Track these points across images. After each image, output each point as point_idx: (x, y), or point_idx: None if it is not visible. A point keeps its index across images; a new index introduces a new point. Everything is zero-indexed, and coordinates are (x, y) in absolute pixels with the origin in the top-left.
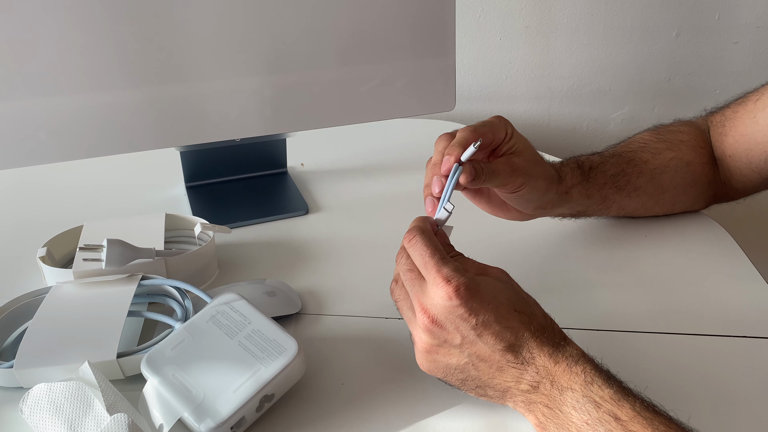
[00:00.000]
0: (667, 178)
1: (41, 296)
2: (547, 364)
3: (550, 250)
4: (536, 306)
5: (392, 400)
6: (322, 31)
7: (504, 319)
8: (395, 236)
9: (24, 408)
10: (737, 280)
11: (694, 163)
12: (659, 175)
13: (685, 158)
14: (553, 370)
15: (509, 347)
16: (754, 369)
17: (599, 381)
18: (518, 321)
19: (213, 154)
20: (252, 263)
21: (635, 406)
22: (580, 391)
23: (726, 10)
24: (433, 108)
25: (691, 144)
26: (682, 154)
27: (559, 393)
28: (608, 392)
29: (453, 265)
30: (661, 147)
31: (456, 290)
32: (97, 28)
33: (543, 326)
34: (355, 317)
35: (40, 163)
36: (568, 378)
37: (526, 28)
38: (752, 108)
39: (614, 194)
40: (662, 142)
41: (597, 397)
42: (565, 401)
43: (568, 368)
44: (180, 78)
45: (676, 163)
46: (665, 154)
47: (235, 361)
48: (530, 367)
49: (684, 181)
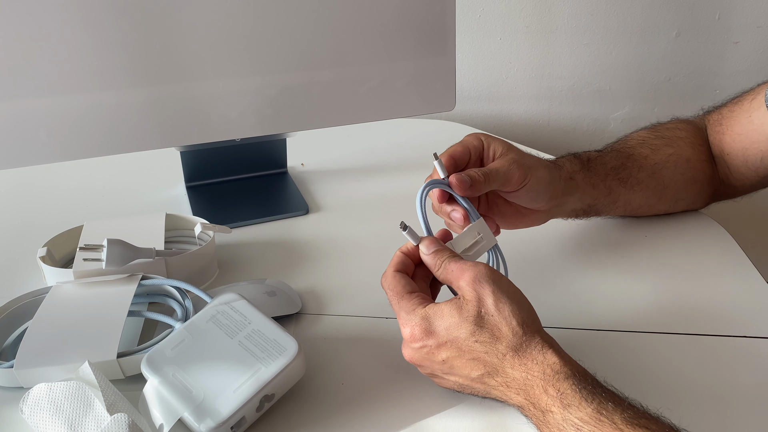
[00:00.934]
0: (668, 173)
1: (41, 296)
2: (523, 388)
3: (550, 251)
4: (503, 323)
5: (392, 400)
6: (322, 31)
7: (466, 352)
8: (395, 236)
9: (24, 408)
10: (737, 280)
11: (693, 159)
12: (660, 170)
13: (685, 155)
14: (530, 393)
15: (483, 376)
16: (754, 369)
17: (576, 401)
18: (481, 351)
19: (213, 154)
20: (252, 263)
21: (616, 422)
22: (560, 414)
23: (726, 10)
24: (433, 108)
25: (690, 141)
26: (681, 151)
27: (541, 414)
28: (587, 412)
29: (408, 306)
30: (660, 143)
31: (412, 335)
32: (97, 27)
33: (514, 346)
34: (355, 317)
35: (40, 163)
36: (546, 400)
37: (526, 28)
38: (748, 107)
39: (618, 186)
40: (660, 139)
41: (576, 419)
42: (548, 422)
43: (543, 391)
44: (180, 78)
45: (675, 159)
46: (664, 150)
47: (235, 361)
48: (509, 390)
49: (684, 177)
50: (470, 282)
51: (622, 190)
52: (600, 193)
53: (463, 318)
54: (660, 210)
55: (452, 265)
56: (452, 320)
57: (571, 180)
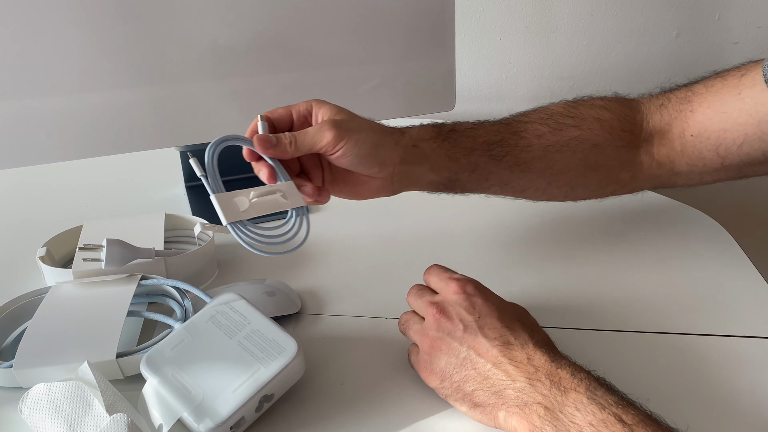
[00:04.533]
0: (562, 157)
1: (41, 296)
2: (547, 366)
3: (549, 250)
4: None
5: (392, 400)
6: (322, 31)
7: (505, 320)
8: (395, 236)
9: (23, 408)
10: (737, 280)
11: (604, 145)
12: (553, 153)
13: (593, 139)
14: (554, 372)
15: (507, 344)
16: (754, 369)
17: (602, 389)
18: (520, 326)
19: None
20: (252, 263)
21: (639, 413)
22: (585, 394)
23: (726, 10)
24: (433, 108)
25: (610, 124)
26: (589, 134)
27: (561, 394)
28: (612, 398)
29: (462, 275)
30: (567, 122)
31: (463, 287)
32: (97, 27)
33: (544, 341)
34: (355, 317)
35: (40, 163)
36: (571, 381)
37: (526, 28)
38: (736, 83)
39: (489, 164)
40: (570, 118)
41: (602, 400)
42: (567, 402)
43: (570, 375)
44: (180, 78)
45: (576, 144)
46: (568, 132)
47: (235, 361)
48: (528, 366)
49: (584, 163)
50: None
51: (493, 168)
52: (461, 168)
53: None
54: (554, 196)
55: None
56: (505, 301)
57: (414, 148)
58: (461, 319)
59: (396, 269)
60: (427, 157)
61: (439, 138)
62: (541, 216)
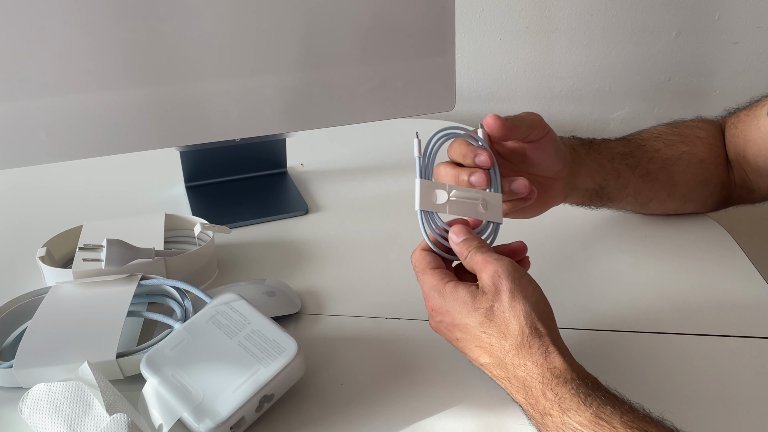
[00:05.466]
0: (679, 170)
1: (41, 296)
2: (522, 388)
3: (549, 251)
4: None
5: (392, 400)
6: (321, 31)
7: (474, 339)
8: (395, 236)
9: (23, 408)
10: (737, 280)
11: (708, 161)
12: (671, 166)
13: (699, 155)
14: (528, 394)
15: (489, 365)
16: (754, 369)
17: (574, 405)
18: (487, 343)
19: (213, 154)
20: (252, 263)
21: (614, 426)
22: (558, 418)
23: (726, 10)
24: (433, 108)
25: (708, 142)
26: (696, 150)
27: (540, 416)
28: (586, 416)
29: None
30: (675, 140)
31: (432, 308)
32: (97, 28)
33: (518, 346)
34: (355, 317)
35: (40, 163)
36: (544, 404)
37: (526, 28)
38: (758, 113)
39: (627, 172)
40: (677, 135)
41: (575, 423)
42: (548, 424)
43: (542, 394)
44: (180, 78)
45: (689, 158)
46: (679, 147)
47: (235, 361)
48: (511, 386)
49: (696, 177)
50: (491, 275)
51: (630, 176)
52: (609, 174)
53: (475, 307)
54: (669, 209)
55: (478, 255)
56: (464, 306)
57: (573, 150)
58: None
59: (396, 269)
60: (584, 162)
61: (584, 146)
62: (541, 216)
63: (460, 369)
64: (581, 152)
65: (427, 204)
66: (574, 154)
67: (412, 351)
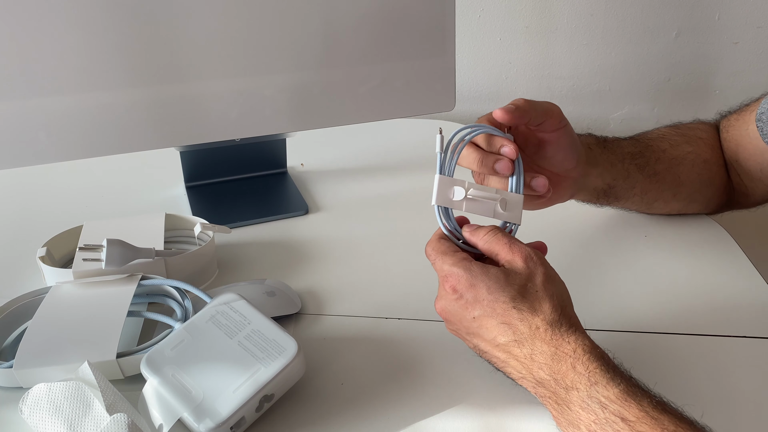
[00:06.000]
0: (685, 170)
1: (41, 296)
2: (549, 362)
3: (548, 250)
4: (546, 300)
5: (392, 400)
6: (321, 31)
7: (499, 315)
8: (395, 236)
9: (24, 408)
10: (737, 280)
11: (711, 161)
12: (677, 166)
13: (703, 155)
14: (555, 369)
15: (509, 343)
16: (754, 369)
17: (604, 380)
18: (516, 318)
19: (213, 154)
20: (252, 263)
21: (643, 405)
22: (585, 391)
23: (726, 10)
24: (433, 108)
25: (709, 143)
26: (700, 150)
27: (564, 391)
28: (614, 392)
29: (452, 259)
30: (680, 140)
31: (452, 286)
32: (97, 28)
33: (550, 321)
34: (355, 317)
35: (40, 163)
36: (572, 377)
37: (526, 28)
38: (748, 119)
39: (636, 172)
40: (680, 136)
41: (602, 398)
42: (572, 400)
43: (571, 367)
44: (180, 78)
45: (693, 158)
46: (684, 147)
47: (235, 361)
48: (533, 363)
49: (700, 177)
50: (523, 257)
51: (639, 176)
52: (619, 174)
53: (508, 282)
54: (673, 209)
55: (504, 238)
56: (497, 283)
57: (589, 150)
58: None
59: (396, 269)
60: (597, 161)
61: (599, 145)
62: (541, 216)
63: (460, 369)
64: (596, 152)
65: (444, 200)
66: (590, 154)
67: (412, 351)
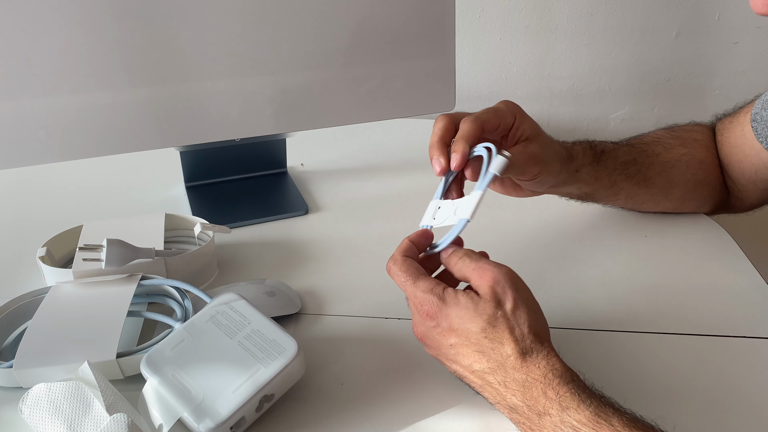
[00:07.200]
0: (678, 172)
1: (41, 296)
2: (521, 389)
3: (548, 250)
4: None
5: (392, 400)
6: (321, 32)
7: (473, 344)
8: (395, 236)
9: (23, 408)
10: (737, 281)
11: (707, 161)
12: (670, 169)
13: (698, 156)
14: (527, 395)
15: (484, 371)
16: (754, 369)
17: (575, 404)
18: (488, 347)
19: (213, 154)
20: (252, 263)
21: (613, 424)
22: (558, 416)
23: (726, 10)
24: (433, 108)
25: (705, 144)
26: (695, 152)
27: (537, 417)
28: (585, 414)
29: (426, 285)
30: (675, 143)
31: (428, 314)
32: (97, 28)
33: (520, 349)
34: (355, 317)
35: (40, 163)
36: (544, 403)
37: (526, 28)
38: (743, 120)
39: (623, 181)
40: (675, 139)
41: (574, 421)
42: (545, 425)
43: (542, 393)
44: (180, 78)
45: (688, 159)
46: (678, 150)
47: (235, 361)
48: (506, 390)
49: (695, 178)
50: (491, 284)
51: (626, 185)
52: (601, 186)
53: (477, 313)
54: (666, 208)
55: (473, 263)
56: (467, 312)
57: (576, 173)
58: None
59: None
60: (580, 179)
61: (594, 162)
62: (541, 216)
63: None
64: (584, 173)
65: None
66: (573, 177)
67: (412, 351)
